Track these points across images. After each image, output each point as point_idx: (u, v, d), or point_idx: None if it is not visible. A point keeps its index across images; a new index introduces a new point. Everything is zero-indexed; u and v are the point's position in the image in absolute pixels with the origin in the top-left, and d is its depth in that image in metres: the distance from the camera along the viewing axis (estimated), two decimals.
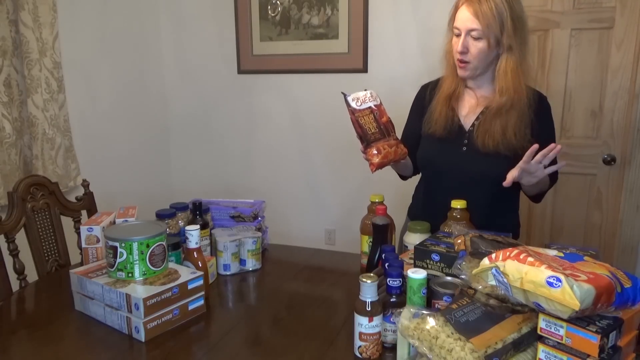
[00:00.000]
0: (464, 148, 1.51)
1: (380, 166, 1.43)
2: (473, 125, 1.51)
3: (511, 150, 1.44)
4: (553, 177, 1.53)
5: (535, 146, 1.29)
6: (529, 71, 1.49)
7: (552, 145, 1.28)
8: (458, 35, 1.44)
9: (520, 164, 1.31)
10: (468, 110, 1.53)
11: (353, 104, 1.42)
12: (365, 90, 1.46)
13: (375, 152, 1.41)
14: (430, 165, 1.60)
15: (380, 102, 1.47)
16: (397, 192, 1.81)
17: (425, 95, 1.61)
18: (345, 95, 1.42)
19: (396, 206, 1.71)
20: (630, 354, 0.96)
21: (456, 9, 1.46)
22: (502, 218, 1.56)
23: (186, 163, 3.29)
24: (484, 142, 1.46)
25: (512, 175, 1.34)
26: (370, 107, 1.44)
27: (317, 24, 2.79)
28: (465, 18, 1.41)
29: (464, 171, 1.50)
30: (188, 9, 3.07)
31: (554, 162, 1.35)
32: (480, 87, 1.53)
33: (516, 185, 1.44)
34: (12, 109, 2.17)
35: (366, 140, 1.41)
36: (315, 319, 1.30)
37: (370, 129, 1.42)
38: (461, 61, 1.45)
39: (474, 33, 1.41)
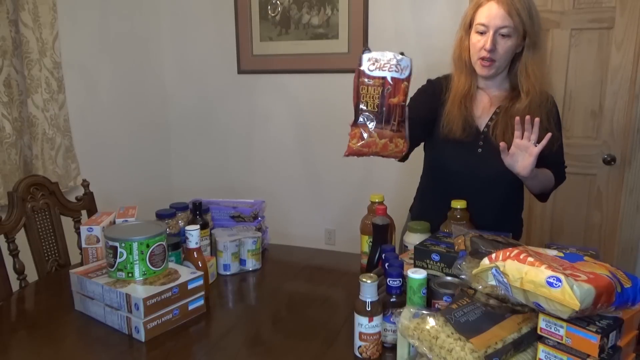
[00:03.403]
0: (480, 150, 1.49)
1: (356, 154, 1.19)
2: (487, 125, 1.49)
3: None
4: (559, 175, 1.52)
5: (517, 118, 1.30)
6: (548, 71, 1.48)
7: (528, 118, 1.28)
8: (482, 33, 1.40)
9: (515, 141, 1.31)
10: (482, 110, 1.51)
11: (365, 65, 1.11)
12: (401, 54, 1.15)
13: (359, 134, 1.15)
14: (444, 167, 1.56)
15: (407, 78, 1.15)
16: (397, 192, 1.81)
17: (442, 87, 1.53)
18: (364, 51, 1.13)
19: (396, 206, 1.71)
20: (630, 354, 0.96)
21: (477, 6, 1.42)
22: (509, 219, 1.56)
23: (186, 163, 3.29)
24: (504, 141, 1.40)
25: (505, 144, 1.32)
26: (383, 78, 1.12)
27: (317, 24, 2.79)
28: (496, 15, 1.37)
29: (478, 173, 1.48)
30: (188, 9, 3.07)
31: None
32: (493, 86, 1.51)
33: (522, 185, 1.43)
34: (12, 109, 2.17)
35: (356, 115, 1.15)
36: (315, 319, 1.30)
37: (368, 103, 1.13)
38: (487, 59, 1.41)
39: (504, 30, 1.37)
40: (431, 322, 0.92)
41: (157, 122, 3.17)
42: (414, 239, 1.38)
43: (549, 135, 1.28)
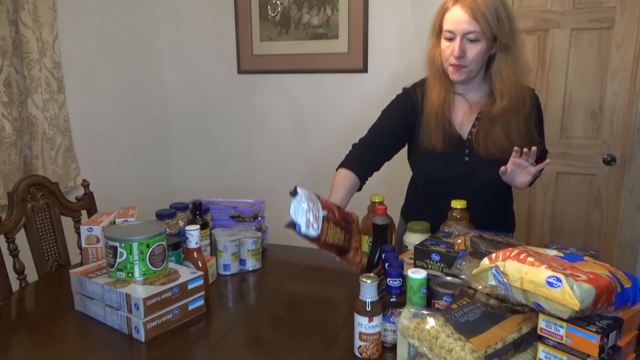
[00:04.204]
0: (466, 158, 1.46)
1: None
2: (471, 133, 1.46)
3: None
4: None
5: (517, 148, 1.30)
6: (526, 70, 1.46)
7: (526, 150, 1.29)
8: (450, 39, 1.36)
9: (512, 159, 1.32)
10: (462, 118, 1.47)
11: (312, 233, 1.16)
12: (296, 193, 1.19)
13: (357, 250, 1.33)
14: (431, 179, 1.54)
15: (317, 195, 1.23)
16: (397, 192, 1.80)
17: (418, 97, 1.51)
18: (297, 227, 1.17)
19: (396, 206, 1.71)
20: (630, 354, 0.96)
21: (444, 10, 1.37)
22: (502, 218, 1.56)
23: (186, 163, 3.29)
24: (487, 149, 1.41)
25: (505, 167, 1.33)
26: (324, 217, 1.18)
27: (317, 24, 2.79)
28: (461, 20, 1.32)
29: (467, 182, 1.46)
30: (188, 9, 3.07)
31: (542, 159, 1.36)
32: (470, 91, 1.47)
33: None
34: (12, 109, 2.17)
35: (344, 251, 1.28)
36: (315, 319, 1.30)
37: (340, 239, 1.24)
38: (457, 66, 1.37)
39: (471, 35, 1.33)
40: (431, 322, 0.92)
41: (157, 121, 3.17)
42: (414, 239, 1.38)
43: (534, 149, 1.30)
